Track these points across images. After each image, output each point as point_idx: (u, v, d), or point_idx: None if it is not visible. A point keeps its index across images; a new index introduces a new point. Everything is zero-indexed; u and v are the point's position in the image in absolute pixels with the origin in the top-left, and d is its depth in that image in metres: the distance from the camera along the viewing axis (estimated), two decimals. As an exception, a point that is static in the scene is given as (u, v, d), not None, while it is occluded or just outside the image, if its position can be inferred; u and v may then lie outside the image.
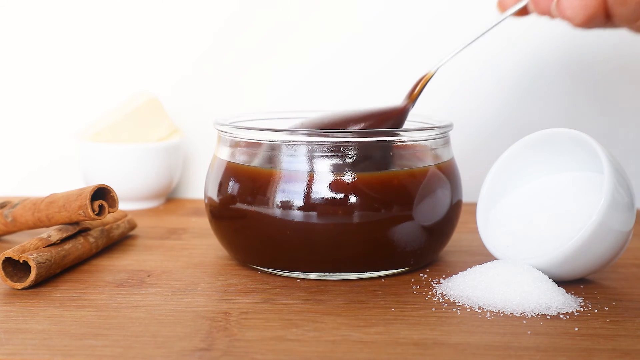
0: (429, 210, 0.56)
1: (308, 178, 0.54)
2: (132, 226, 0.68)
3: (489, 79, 0.83)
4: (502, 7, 0.61)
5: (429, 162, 0.57)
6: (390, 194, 0.54)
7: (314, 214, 0.53)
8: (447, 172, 0.58)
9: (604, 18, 0.54)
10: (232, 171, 0.57)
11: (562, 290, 0.51)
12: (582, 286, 0.54)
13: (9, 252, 0.53)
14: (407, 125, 0.65)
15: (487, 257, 0.59)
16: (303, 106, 0.81)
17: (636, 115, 0.83)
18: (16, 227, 0.62)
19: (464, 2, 0.82)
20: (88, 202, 0.56)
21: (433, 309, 0.50)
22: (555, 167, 0.58)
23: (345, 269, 0.55)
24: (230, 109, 0.82)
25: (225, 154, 0.58)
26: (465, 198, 0.70)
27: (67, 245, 0.57)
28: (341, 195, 0.53)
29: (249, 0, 0.84)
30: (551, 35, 0.82)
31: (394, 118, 0.59)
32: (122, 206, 0.75)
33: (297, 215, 0.54)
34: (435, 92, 0.84)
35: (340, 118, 0.59)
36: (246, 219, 0.55)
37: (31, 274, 0.52)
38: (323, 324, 0.47)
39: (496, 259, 0.55)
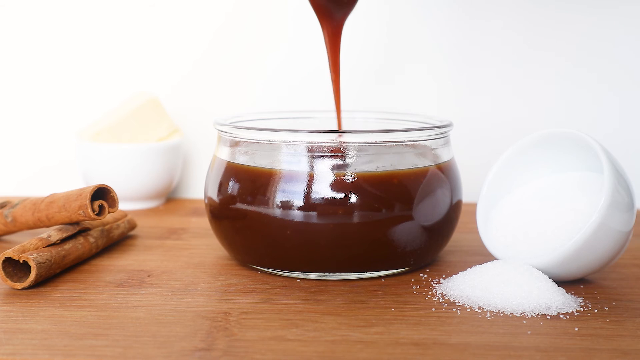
0: (429, 210, 0.56)
1: (308, 178, 0.54)
2: (132, 226, 0.68)
3: (490, 79, 0.83)
4: None
5: (429, 162, 0.57)
6: (390, 194, 0.54)
7: (314, 214, 0.53)
8: (447, 172, 0.58)
9: None
10: (232, 171, 0.57)
11: (562, 290, 0.51)
12: (582, 286, 0.54)
13: (9, 252, 0.53)
14: (407, 125, 0.65)
15: (487, 257, 0.59)
16: (303, 106, 0.81)
17: (637, 115, 0.83)
18: (16, 227, 0.62)
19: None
20: (88, 202, 0.56)
21: (433, 309, 0.50)
22: (555, 167, 0.58)
23: (345, 269, 0.55)
24: (230, 109, 0.82)
25: (225, 154, 0.58)
26: (465, 198, 0.71)
27: (67, 245, 0.57)
28: (341, 195, 0.53)
29: (249, 1, 0.84)
30: (551, 37, 0.82)
31: None
32: (122, 206, 0.75)
33: (297, 215, 0.54)
34: (436, 92, 0.84)
35: None
36: (246, 219, 0.55)
37: (31, 274, 0.52)
38: (323, 324, 0.47)
39: (496, 259, 0.55)
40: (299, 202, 0.54)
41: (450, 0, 0.82)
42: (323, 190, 0.53)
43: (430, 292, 0.53)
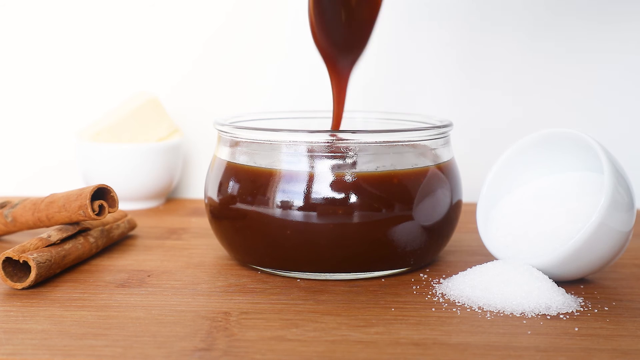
0: (429, 210, 0.56)
1: (308, 178, 0.54)
2: (132, 226, 0.68)
3: (490, 79, 0.83)
4: None
5: (429, 162, 0.57)
6: (391, 194, 0.54)
7: (314, 214, 0.53)
8: (447, 172, 0.58)
9: None
10: (232, 171, 0.57)
11: (562, 290, 0.51)
12: (582, 286, 0.54)
13: (9, 252, 0.53)
14: (407, 125, 0.65)
15: (487, 257, 0.59)
16: (303, 106, 0.81)
17: (636, 115, 0.83)
18: (16, 227, 0.62)
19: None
20: (88, 202, 0.56)
21: (433, 309, 0.50)
22: (555, 167, 0.58)
23: (345, 269, 0.55)
24: (230, 109, 0.82)
25: (225, 154, 0.58)
26: (465, 198, 0.70)
27: (67, 245, 0.57)
28: (341, 195, 0.53)
29: (249, 1, 0.84)
30: (551, 38, 0.82)
31: None
32: (122, 206, 0.75)
33: (297, 215, 0.54)
34: (436, 91, 0.84)
35: None
36: (246, 219, 0.55)
37: (31, 274, 0.52)
38: (323, 324, 0.47)
39: (496, 259, 0.55)
40: (299, 202, 0.54)
41: (450, 0, 0.82)
42: (323, 190, 0.53)
43: (430, 292, 0.53)
